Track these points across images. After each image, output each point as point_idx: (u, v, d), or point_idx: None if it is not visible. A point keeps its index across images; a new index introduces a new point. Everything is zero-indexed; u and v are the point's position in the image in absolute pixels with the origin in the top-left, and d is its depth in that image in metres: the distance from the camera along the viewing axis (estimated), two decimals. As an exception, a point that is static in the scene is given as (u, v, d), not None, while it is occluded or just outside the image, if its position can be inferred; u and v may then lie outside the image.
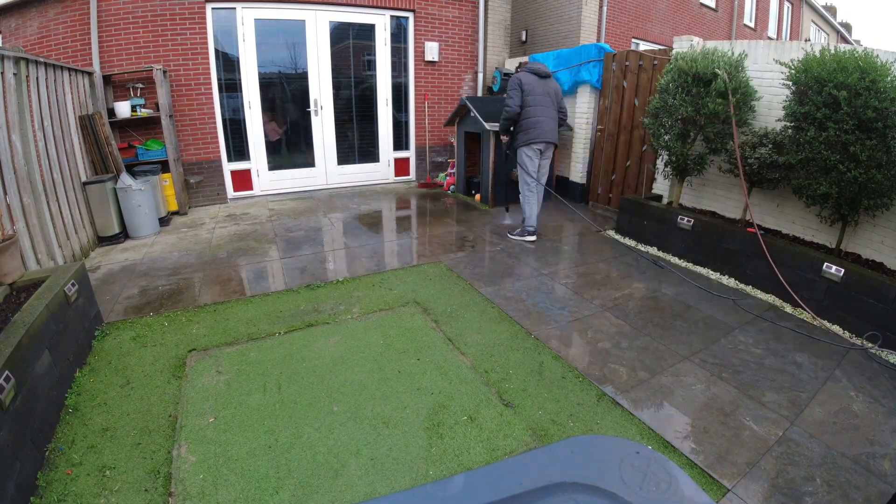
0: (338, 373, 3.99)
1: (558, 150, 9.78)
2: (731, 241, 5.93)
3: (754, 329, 4.78)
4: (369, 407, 3.58)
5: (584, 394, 3.76)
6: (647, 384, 3.87)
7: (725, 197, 6.65)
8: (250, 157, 9.83)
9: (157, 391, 3.78)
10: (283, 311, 5.04)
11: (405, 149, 11.53)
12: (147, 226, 7.62)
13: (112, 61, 8.33)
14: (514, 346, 4.42)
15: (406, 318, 4.91)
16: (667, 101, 6.27)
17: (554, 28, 12.16)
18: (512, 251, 6.81)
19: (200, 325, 4.76)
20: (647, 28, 14.41)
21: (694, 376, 3.98)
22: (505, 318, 4.92)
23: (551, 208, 9.22)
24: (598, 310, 5.14)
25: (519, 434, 3.32)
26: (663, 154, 6.84)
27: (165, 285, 5.70)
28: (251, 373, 3.99)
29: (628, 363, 4.16)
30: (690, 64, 5.96)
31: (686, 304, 5.28)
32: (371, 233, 7.71)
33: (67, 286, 4.08)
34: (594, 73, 8.75)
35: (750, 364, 4.17)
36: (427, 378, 3.93)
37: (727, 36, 18.35)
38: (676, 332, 4.68)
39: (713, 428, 3.39)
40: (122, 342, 4.44)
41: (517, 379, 3.94)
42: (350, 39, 10.38)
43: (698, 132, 6.17)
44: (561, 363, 4.16)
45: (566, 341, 4.53)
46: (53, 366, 3.55)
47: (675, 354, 4.29)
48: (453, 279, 5.86)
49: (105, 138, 7.51)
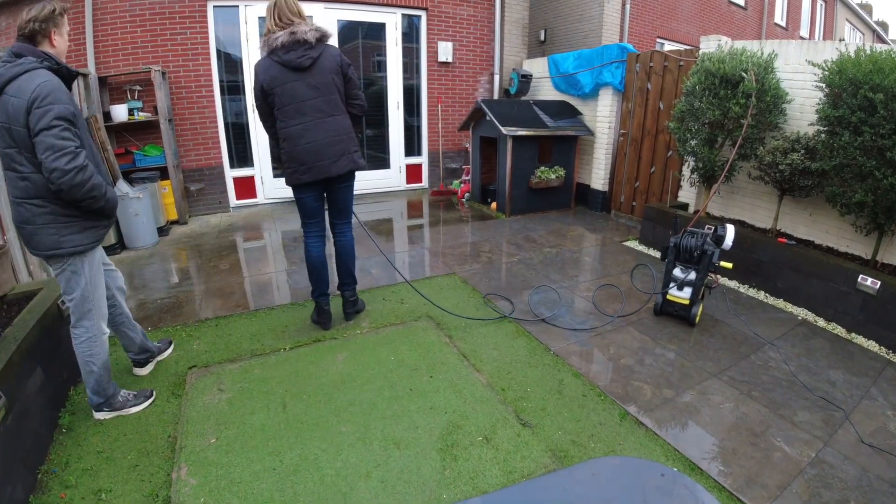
0: (346, 391, 4.00)
1: (579, 157, 9.81)
2: (761, 251, 5.92)
3: (786, 345, 4.76)
4: (379, 427, 3.59)
5: (606, 413, 3.76)
6: (673, 403, 3.87)
7: (754, 205, 6.64)
8: (254, 164, 9.83)
9: (156, 410, 3.79)
10: (288, 326, 5.06)
11: (417, 154, 11.54)
12: (145, 236, 7.62)
13: (108, 62, 8.34)
14: (533, 362, 4.43)
15: (418, 333, 4.92)
16: (693, 105, 6.28)
17: (574, 27, 12.20)
18: (530, 263, 6.81)
19: (201, 341, 4.77)
20: (672, 27, 14.41)
21: (722, 394, 3.97)
22: (522, 333, 4.92)
23: (572, 217, 9.23)
24: (620, 324, 5.14)
25: (537, 455, 3.32)
26: (689, 160, 6.85)
27: (164, 298, 5.74)
28: (255, 391, 4.00)
29: (653, 380, 4.16)
30: (718, 65, 5.96)
31: (714, 319, 5.27)
32: (381, 243, 7.74)
33: (61, 299, 4.06)
34: (617, 74, 8.76)
35: (781, 382, 4.16)
36: (440, 396, 3.94)
37: (757, 35, 18.33)
38: (703, 348, 4.68)
39: (742, 449, 3.38)
40: (119, 358, 4.41)
41: (535, 397, 3.94)
42: (359, 39, 10.39)
43: (726, 137, 6.17)
44: (581, 381, 4.16)
45: (587, 357, 4.53)
46: (46, 383, 3.54)
47: (701, 371, 4.29)
48: (468, 292, 5.88)
49: (101, 143, 7.45)
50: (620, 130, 9.09)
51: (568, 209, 9.84)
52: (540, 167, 9.26)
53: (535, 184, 9.18)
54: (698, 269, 5.00)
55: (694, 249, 4.97)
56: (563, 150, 9.50)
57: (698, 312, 5.06)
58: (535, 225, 8.72)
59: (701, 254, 4.95)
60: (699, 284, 5.00)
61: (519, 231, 8.37)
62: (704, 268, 4.96)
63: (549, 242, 7.68)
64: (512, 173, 9.01)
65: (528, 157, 9.11)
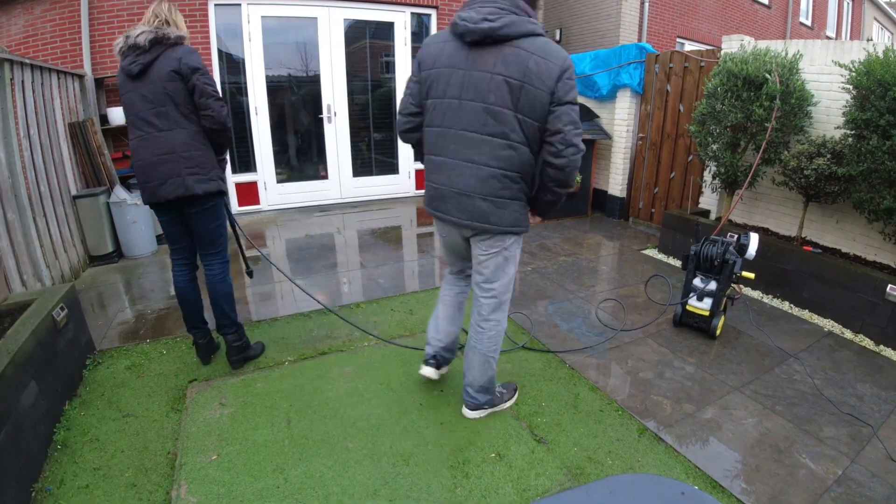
0: (353, 405, 4.00)
1: (596, 161, 9.81)
2: (786, 260, 5.90)
3: (811, 357, 4.75)
4: (388, 443, 3.59)
5: (624, 428, 3.76)
6: (694, 418, 3.86)
7: (778, 212, 6.63)
8: (257, 169, 9.83)
9: (155, 426, 3.80)
10: (292, 338, 5.07)
11: (428, 159, 11.47)
12: (143, 244, 7.60)
13: (105, 63, 8.32)
14: (547, 375, 4.43)
15: (428, 345, 4.91)
16: (714, 107, 6.28)
17: (591, 26, 12.22)
18: (545, 272, 6.81)
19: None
20: (693, 26, 14.41)
21: (745, 409, 3.96)
22: (538, 346, 4.93)
23: (588, 224, 9.22)
24: (639, 336, 5.14)
25: (552, 472, 3.32)
26: (711, 165, 6.84)
27: (163, 309, 5.75)
28: (258, 405, 4.00)
29: (672, 395, 4.15)
30: (740, 66, 5.96)
31: (736, 330, 5.26)
32: (390, 251, 7.76)
33: (56, 310, 4.06)
34: (635, 75, 8.76)
35: (806, 396, 4.15)
36: (451, 411, 3.93)
37: (781, 35, 18.30)
38: (725, 361, 4.67)
39: (766, 466, 3.37)
40: (116, 372, 4.46)
41: (550, 412, 3.94)
42: (367, 39, 10.41)
43: (749, 141, 6.16)
44: (598, 395, 4.15)
45: (604, 371, 4.53)
46: (40, 398, 3.52)
47: (723, 385, 4.28)
48: (480, 302, 5.86)
49: (97, 147, 7.50)
50: (639, 134, 9.09)
51: (584, 216, 9.83)
52: (555, 172, 9.17)
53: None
54: (719, 279, 4.98)
55: (715, 258, 4.97)
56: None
57: (719, 324, 5.04)
58: (550, 232, 8.72)
59: (722, 263, 4.94)
60: (720, 295, 4.98)
61: (533, 239, 8.36)
62: (726, 278, 4.94)
63: (564, 251, 7.68)
64: (526, 178, 8.94)
65: (542, 162, 9.04)
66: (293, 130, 10.35)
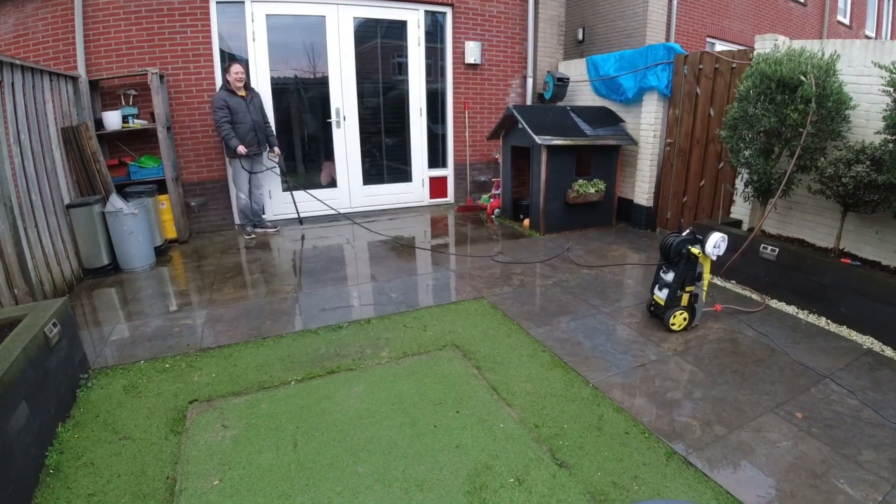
0: (363, 427, 4.01)
1: (621, 169, 9.83)
2: (822, 273, 5.88)
3: (849, 376, 4.72)
4: (400, 467, 3.59)
5: (651, 452, 3.76)
6: (725, 440, 3.86)
7: (814, 222, 6.61)
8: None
9: (153, 449, 3.78)
10: (299, 356, 5.09)
11: (442, 166, 11.63)
12: (141, 256, 7.62)
13: (100, 64, 8.40)
14: (569, 396, 4.43)
15: (443, 364, 4.93)
16: (747, 111, 6.28)
17: (616, 25, 12.25)
18: (567, 286, 6.83)
19: (203, 372, 4.80)
20: (724, 25, 14.41)
21: (779, 431, 3.95)
22: (558, 364, 4.93)
23: (613, 235, 9.25)
24: (667, 354, 5.14)
25: (575, 499, 3.33)
26: (743, 172, 6.84)
27: (162, 325, 5.79)
28: (262, 427, 4.01)
29: (702, 416, 4.15)
30: (774, 67, 5.96)
31: (770, 348, 5.25)
32: (402, 264, 7.81)
33: (48, 326, 4.04)
34: (663, 77, 8.80)
35: (844, 417, 4.13)
36: (467, 434, 3.94)
37: (817, 34, 18.25)
38: (758, 381, 4.65)
39: (801, 492, 3.37)
40: (112, 392, 4.46)
41: (573, 435, 3.94)
42: (378, 39, 10.48)
43: (783, 147, 6.16)
44: (624, 416, 4.16)
45: (630, 391, 4.52)
46: (31, 420, 3.49)
47: (756, 406, 4.27)
48: (498, 318, 5.91)
49: (92, 154, 7.52)
50: (667, 139, 9.12)
51: (608, 226, 9.87)
52: (578, 180, 9.30)
53: (572, 198, 9.21)
54: (676, 272, 5.39)
55: (671, 249, 5.36)
56: (604, 161, 9.53)
57: (673, 317, 5.48)
58: (572, 244, 8.74)
59: (678, 256, 5.35)
60: (675, 287, 5.42)
61: (554, 251, 8.39)
62: (682, 271, 5.37)
63: (587, 263, 7.69)
64: (546, 187, 9.05)
65: (564, 169, 9.15)
66: (300, 135, 10.41)
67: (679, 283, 5.33)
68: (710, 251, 5.19)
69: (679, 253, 5.26)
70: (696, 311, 5.53)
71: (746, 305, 6.20)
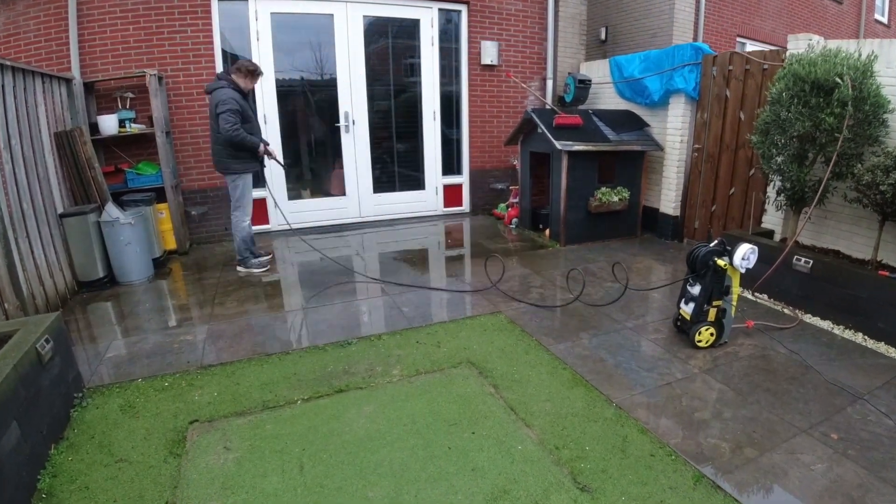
0: (373, 449, 4.01)
1: (646, 176, 9.85)
2: (859, 286, 5.86)
3: (888, 395, 4.71)
4: (412, 492, 3.59)
5: (678, 475, 3.76)
6: (756, 463, 3.86)
7: (851, 232, 6.61)
8: (266, 184, 9.70)
9: (151, 472, 3.76)
10: (306, 374, 5.10)
11: (457, 173, 11.66)
12: (138, 268, 7.65)
13: (95, 65, 8.43)
14: (592, 416, 4.44)
15: (458, 382, 4.94)
16: (779, 115, 6.29)
17: (640, 24, 12.27)
18: (590, 299, 6.82)
19: (204, 391, 4.81)
20: (755, 24, 14.40)
21: (813, 453, 3.96)
22: (580, 382, 4.95)
23: (637, 247, 9.26)
24: (694, 371, 5.15)
25: (596, 523, 3.34)
26: (775, 180, 6.84)
27: (160, 341, 5.82)
28: (267, 449, 4.00)
29: (732, 437, 4.15)
30: (808, 69, 5.97)
31: (803, 365, 5.24)
32: (415, 277, 7.85)
33: (40, 343, 4.04)
34: (690, 79, 8.82)
35: (882, 439, 4.12)
36: (484, 456, 3.94)
37: (854, 34, 18.21)
38: (791, 400, 4.65)
39: (838, 519, 3.38)
40: (108, 412, 4.47)
41: (595, 457, 3.95)
42: (389, 38, 10.51)
43: (818, 153, 6.17)
44: (649, 437, 4.16)
45: (655, 410, 4.53)
46: (23, 441, 3.48)
47: (789, 427, 4.27)
48: (516, 334, 5.93)
49: (86, 160, 7.54)
50: (694, 145, 9.13)
51: (633, 237, 9.89)
52: (600, 188, 9.30)
53: (594, 207, 9.23)
54: (703, 284, 5.40)
55: (697, 261, 5.35)
56: (628, 167, 9.55)
57: (698, 333, 5.48)
58: (595, 255, 8.78)
59: (705, 268, 5.34)
60: (701, 301, 5.41)
61: (575, 262, 8.40)
62: (709, 284, 5.36)
63: (610, 276, 7.68)
64: (567, 195, 9.07)
65: (586, 177, 9.17)
66: (306, 141, 10.44)
67: (706, 297, 5.33)
68: (739, 263, 5.18)
69: (706, 265, 5.27)
70: (725, 327, 5.52)
71: (779, 321, 6.20)
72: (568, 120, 9.06)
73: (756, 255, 5.22)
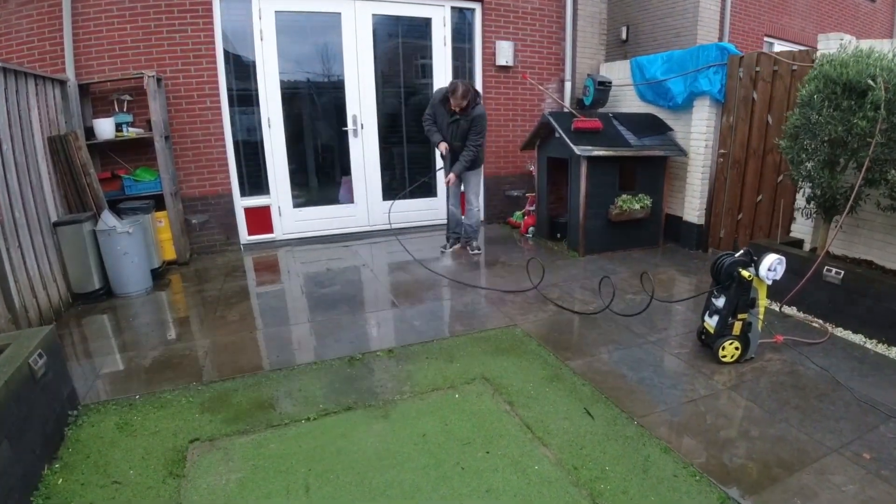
0: (383, 470, 4.00)
1: (669, 182, 9.85)
2: (893, 298, 5.84)
3: (926, 414, 4.72)
4: (425, 513, 3.61)
5: (703, 497, 3.76)
6: (785, 484, 3.86)
7: (885, 241, 6.58)
8: (270, 191, 9.92)
9: (150, 493, 3.75)
10: (312, 390, 5.11)
11: (471, 180, 11.57)
12: (136, 280, 7.65)
13: (91, 66, 8.41)
14: (612, 434, 4.44)
15: (471, 399, 4.94)
16: (809, 118, 6.26)
17: (663, 23, 12.29)
18: (609, 312, 6.82)
19: (205, 408, 4.81)
20: (783, 23, 14.38)
21: (845, 474, 3.95)
22: (600, 399, 4.95)
23: (660, 257, 9.27)
24: (720, 388, 5.15)
25: (616, 547, 3.35)
26: (805, 186, 6.84)
27: (160, 356, 5.84)
28: (271, 470, 4.00)
29: (759, 457, 4.15)
30: (839, 70, 5.94)
31: (834, 381, 5.23)
32: (426, 289, 7.87)
33: (33, 357, 4.03)
34: (715, 81, 8.81)
35: (919, 460, 4.13)
36: (499, 477, 3.94)
37: (887, 33, 18.14)
38: (822, 418, 4.64)
39: (870, 543, 3.38)
40: (104, 430, 4.46)
41: (615, 478, 3.95)
42: (399, 38, 10.53)
43: (850, 158, 6.15)
44: (672, 457, 4.16)
45: (679, 429, 4.54)
46: (14, 461, 3.46)
47: (820, 446, 4.27)
48: (533, 348, 5.94)
49: (82, 166, 7.51)
50: (720, 150, 9.13)
51: (655, 246, 9.89)
52: (621, 195, 9.31)
53: (615, 215, 9.24)
54: (727, 297, 5.41)
55: (721, 272, 5.36)
56: (650, 174, 9.56)
57: (723, 348, 5.49)
58: (615, 266, 8.80)
59: (729, 279, 5.34)
60: (725, 314, 5.42)
61: (595, 273, 8.42)
62: (734, 296, 5.36)
63: (632, 287, 7.73)
64: (587, 203, 9.08)
65: (606, 183, 9.18)
66: (313, 145, 10.44)
67: (730, 310, 5.33)
68: (765, 274, 5.19)
69: (730, 276, 5.28)
70: (751, 341, 5.51)
71: (808, 335, 6.19)
72: (587, 124, 9.09)
73: (783, 265, 5.22)
